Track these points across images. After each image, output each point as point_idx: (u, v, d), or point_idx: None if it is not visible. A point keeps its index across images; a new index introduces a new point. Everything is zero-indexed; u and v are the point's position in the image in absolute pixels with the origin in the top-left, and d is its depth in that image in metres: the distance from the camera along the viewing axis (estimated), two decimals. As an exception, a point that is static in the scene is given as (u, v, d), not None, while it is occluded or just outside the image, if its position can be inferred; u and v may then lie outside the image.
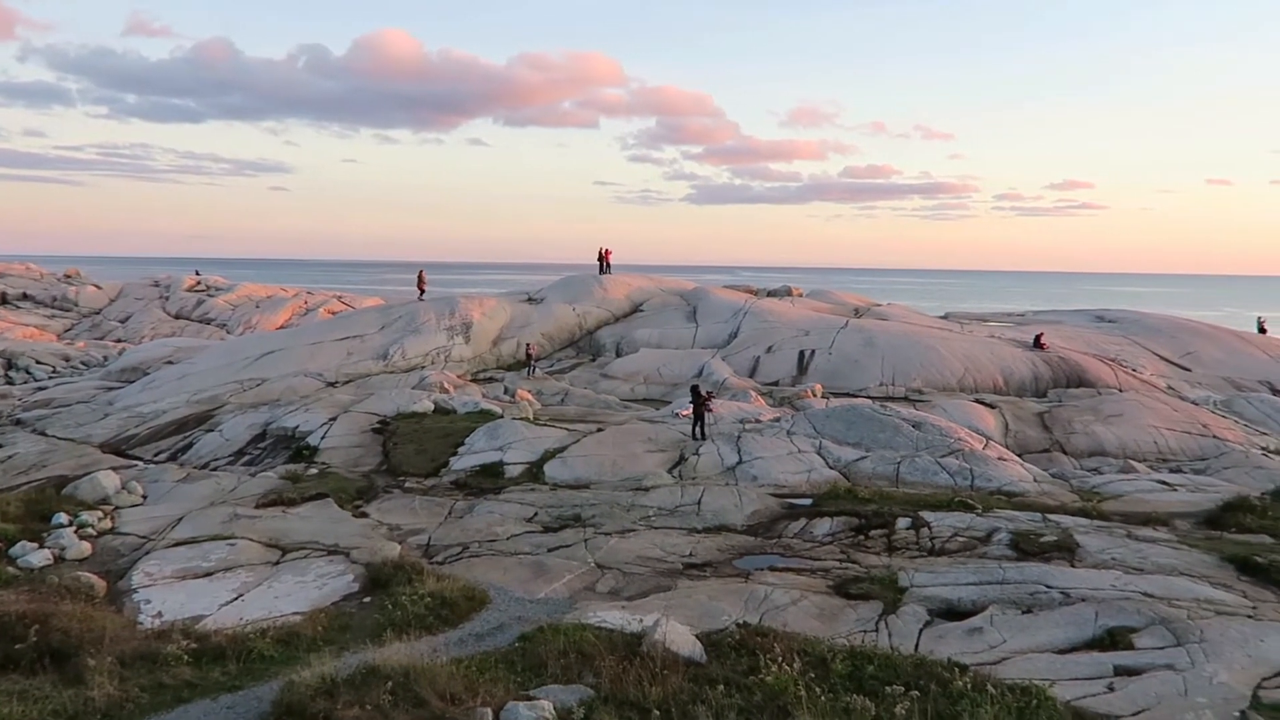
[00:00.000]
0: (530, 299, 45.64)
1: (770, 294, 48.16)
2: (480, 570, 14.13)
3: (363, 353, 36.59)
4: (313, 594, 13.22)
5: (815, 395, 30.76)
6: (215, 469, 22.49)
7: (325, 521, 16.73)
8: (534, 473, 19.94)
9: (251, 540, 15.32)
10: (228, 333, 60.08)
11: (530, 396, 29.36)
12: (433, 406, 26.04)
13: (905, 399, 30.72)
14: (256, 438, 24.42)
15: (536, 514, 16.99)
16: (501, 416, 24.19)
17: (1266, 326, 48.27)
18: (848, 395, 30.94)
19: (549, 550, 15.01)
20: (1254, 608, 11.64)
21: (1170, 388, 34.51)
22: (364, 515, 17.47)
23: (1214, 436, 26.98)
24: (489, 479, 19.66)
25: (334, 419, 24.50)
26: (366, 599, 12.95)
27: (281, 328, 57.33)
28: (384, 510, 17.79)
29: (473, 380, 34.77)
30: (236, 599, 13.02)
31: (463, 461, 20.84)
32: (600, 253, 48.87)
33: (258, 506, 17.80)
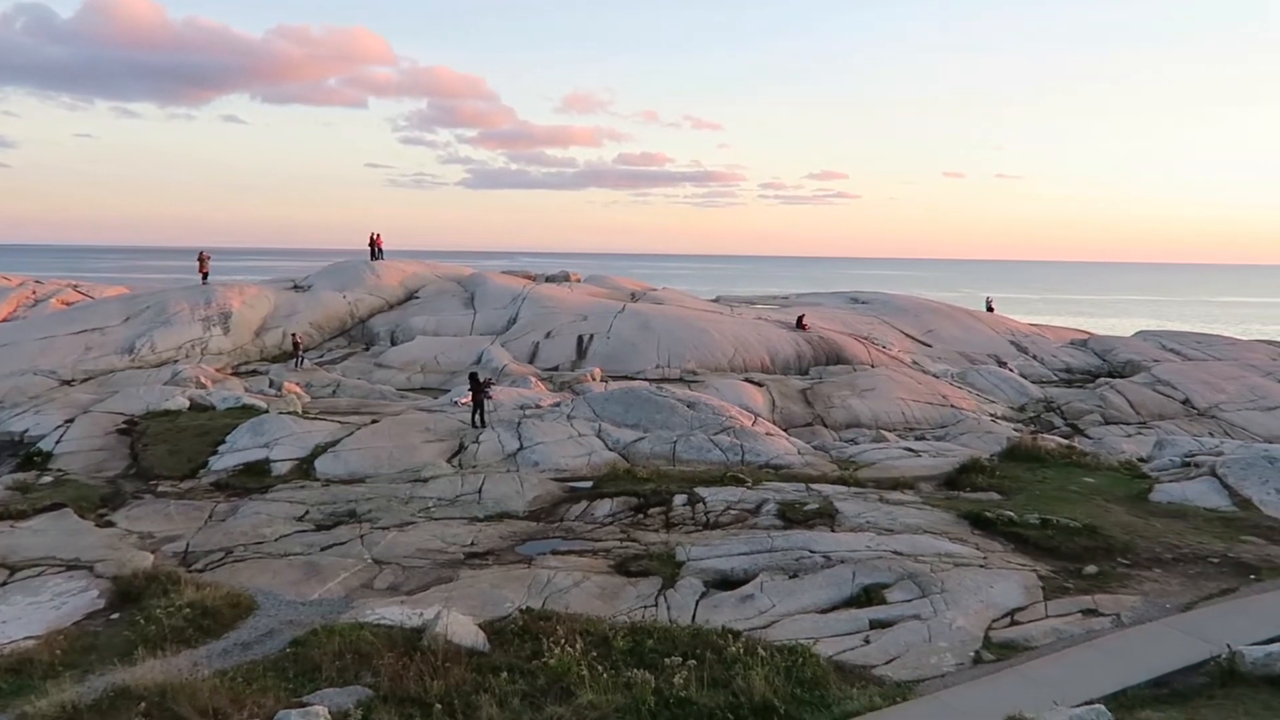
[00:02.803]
0: (297, 286, 43.34)
1: (549, 280, 48.32)
2: (246, 575, 13.28)
3: (104, 347, 33.40)
4: (49, 615, 11.92)
5: (594, 379, 31.20)
6: (-76, 482, 19.77)
7: (63, 534, 15.13)
8: (304, 469, 18.99)
9: (-29, 561, 13.60)
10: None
11: (299, 389, 27.90)
12: (188, 403, 24.21)
13: (680, 380, 31.81)
14: (-25, 445, 21.71)
15: (308, 512, 16.19)
16: (267, 411, 22.84)
17: (994, 305, 53.81)
18: (626, 378, 31.61)
19: (322, 549, 14.34)
20: (985, 558, 12.95)
21: (915, 362, 37.78)
22: (110, 524, 15.96)
23: (952, 406, 29.80)
24: (254, 478, 18.51)
25: (71, 421, 22.21)
26: (115, 615, 11.83)
27: (4, 321, 51.16)
28: (134, 518, 16.33)
29: (234, 374, 32.64)
30: (-47, 628, 11.51)
31: (224, 461, 19.50)
32: (371, 238, 47.08)
33: (-22, 522, 15.82)
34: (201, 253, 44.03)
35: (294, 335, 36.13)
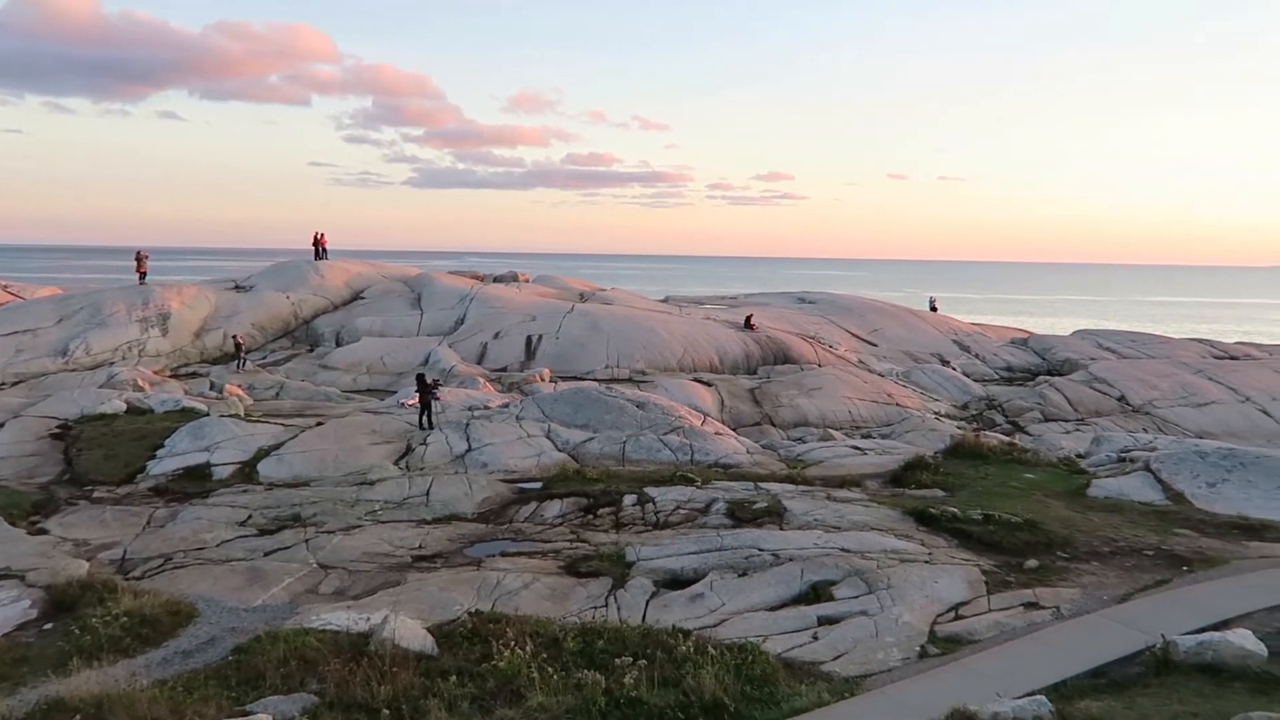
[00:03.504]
0: (238, 287, 42.55)
1: (497, 280, 48.04)
2: (186, 582, 12.97)
3: (36, 349, 32.45)
4: (-22, 626, 11.52)
5: (543, 380, 31.09)
6: None
7: (-8, 543, 14.63)
8: (247, 473, 18.62)
9: (-106, 571, 13.09)
10: None
11: (240, 391, 27.38)
12: (125, 406, 23.60)
13: (630, 380, 31.84)
14: (-101, 451, 20.90)
15: (250, 516, 15.88)
16: (207, 414, 22.36)
17: (937, 305, 54.77)
18: (575, 378, 31.55)
19: (265, 554, 14.07)
20: (929, 554, 13.16)
21: (861, 361, 38.28)
22: (43, 532, 15.48)
23: (897, 404, 30.26)
24: (194, 482, 18.10)
25: (1, 425, 21.53)
26: (48, 626, 11.46)
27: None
28: (68, 524, 15.86)
29: (173, 376, 31.92)
30: (-124, 641, 11.06)
31: (163, 465, 19.04)
32: (315, 237, 46.38)
33: (-99, 532, 15.24)
34: (139, 252, 42.95)
35: (235, 336, 35.46)
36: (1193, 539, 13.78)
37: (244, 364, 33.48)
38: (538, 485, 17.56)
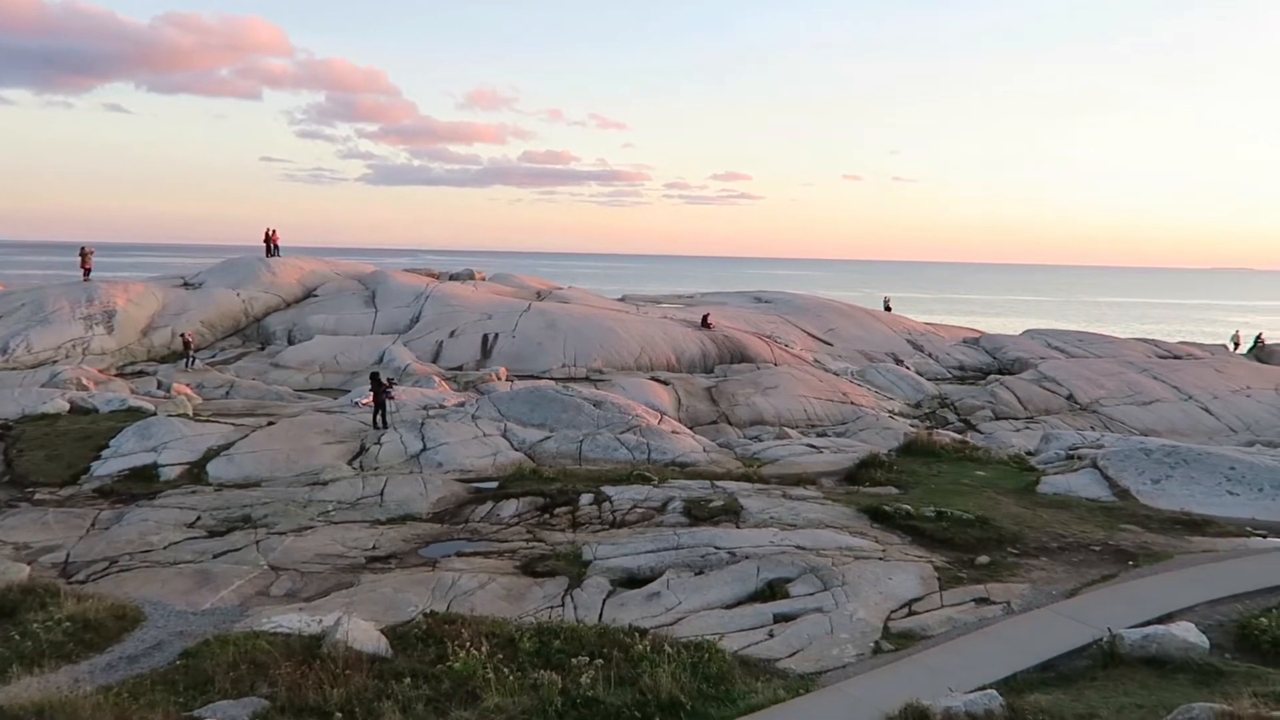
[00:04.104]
0: (187, 284, 41.76)
1: (453, 278, 47.70)
2: (133, 585, 12.68)
3: (-25, 347, 31.48)
4: (-88, 633, 11.15)
5: (500, 378, 30.92)
6: None
7: (-72, 547, 14.18)
8: (195, 474, 18.26)
9: None
10: None
11: (189, 390, 26.86)
12: (68, 406, 23.06)
13: (587, 379, 31.79)
14: None
15: (199, 518, 15.57)
16: (154, 414, 21.91)
17: (892, 305, 55.42)
18: (532, 377, 31.43)
19: (215, 556, 13.80)
20: (883, 551, 13.30)
21: (816, 360, 38.60)
22: (-19, 535, 15.03)
23: (852, 403, 30.56)
24: (141, 484, 17.71)
25: (-62, 425, 20.88)
26: (-14, 632, 11.15)
27: None
28: (7, 528, 15.41)
29: (119, 375, 31.24)
30: None
31: (108, 466, 18.59)
32: (267, 234, 45.65)
33: None
34: (83, 248, 41.88)
35: (184, 334, 34.80)
36: (1138, 534, 14.09)
37: (193, 362, 32.86)
38: (494, 485, 17.45)
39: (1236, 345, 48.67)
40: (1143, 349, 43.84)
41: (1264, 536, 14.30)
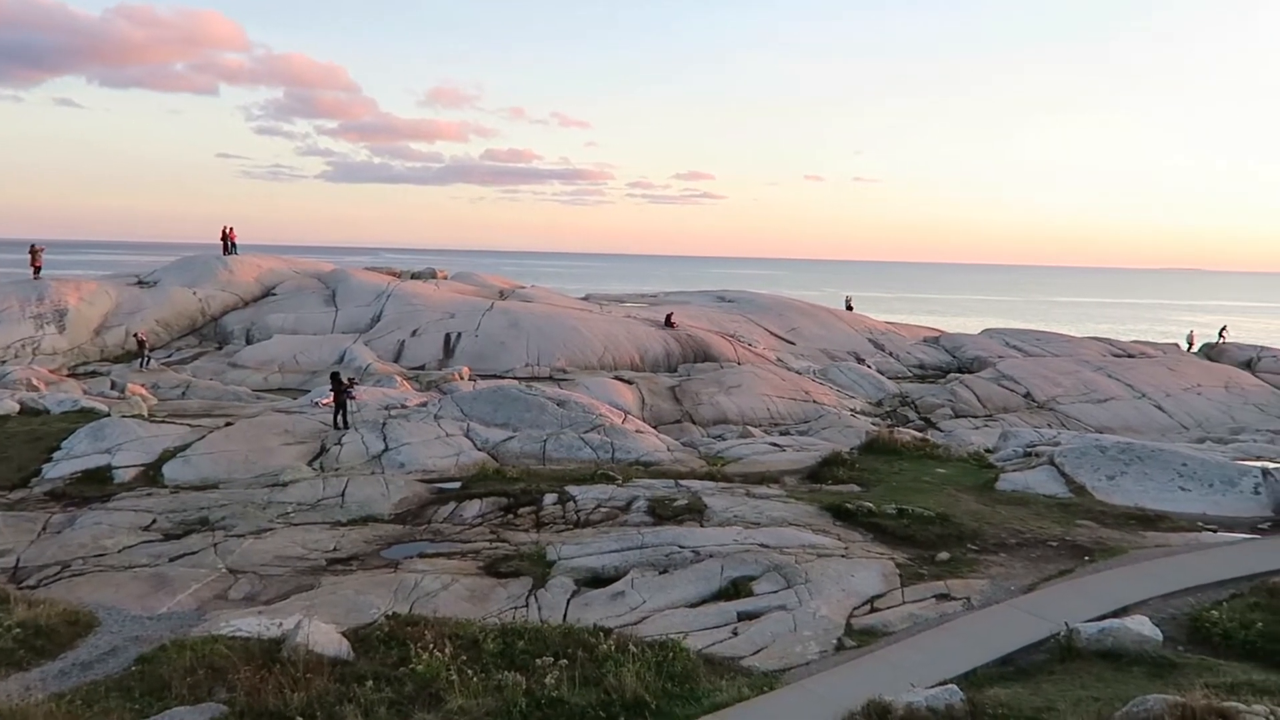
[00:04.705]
0: (141, 282, 40.99)
1: (414, 276, 47.30)
2: (86, 590, 12.42)
3: (-80, 347, 30.68)
4: None
5: (462, 378, 30.72)
6: None
7: None
8: (151, 475, 17.92)
9: None
10: None
11: (144, 391, 26.39)
12: (18, 407, 22.53)
13: (550, 378, 31.69)
14: None
15: (155, 521, 15.29)
16: (108, 414, 21.49)
17: (853, 304, 55.86)
18: (495, 377, 31.26)
19: (171, 560, 13.56)
20: (846, 548, 13.41)
21: (779, 359, 38.81)
22: (-73, 540, 14.64)
23: (814, 401, 30.77)
24: (94, 486, 17.33)
25: (-119, 427, 20.29)
26: (-67, 639, 10.85)
27: None
28: (-45, 532, 15.04)
29: (71, 375, 30.63)
30: None
31: (59, 468, 18.19)
32: (224, 231, 44.93)
33: None
34: (33, 245, 40.89)
35: (138, 334, 34.18)
36: (1094, 530, 14.34)
37: (148, 362, 32.28)
38: (457, 485, 17.34)
39: (1191, 345, 49.74)
40: (1098, 348, 44.64)
41: (1215, 531, 14.63)
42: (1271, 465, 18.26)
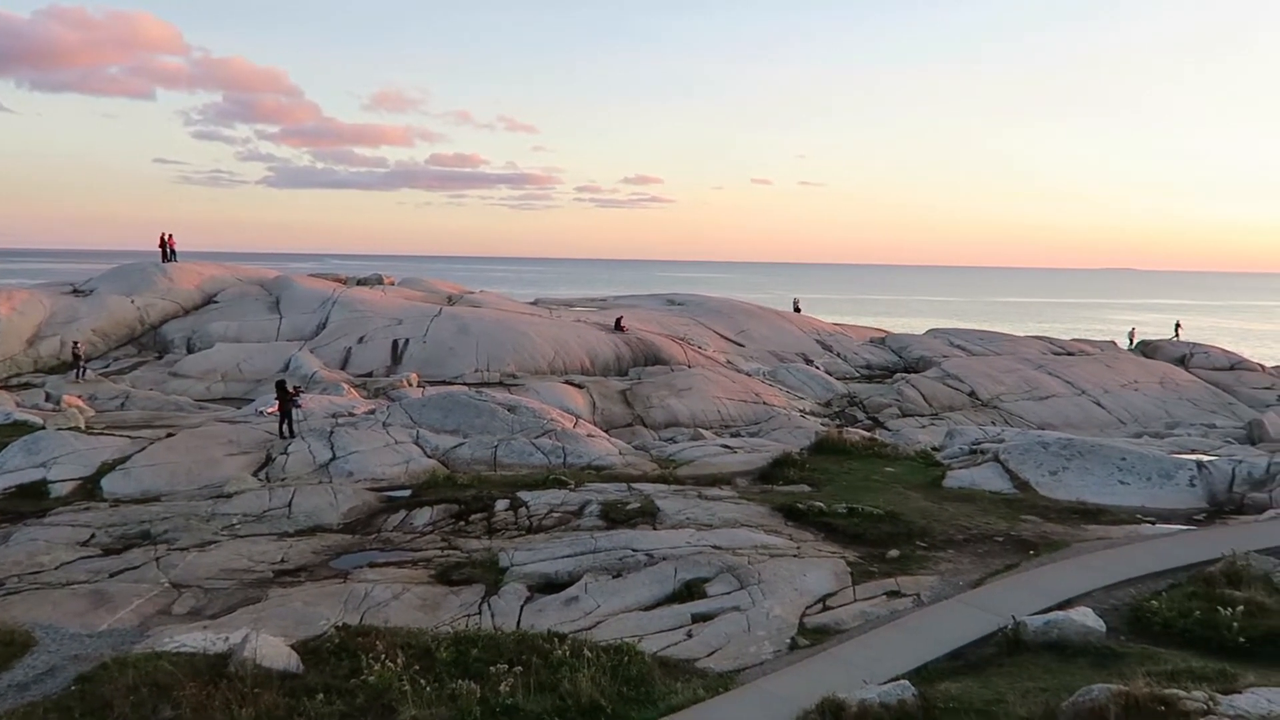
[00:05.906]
0: (76, 291, 39.93)
1: (361, 282, 46.72)
2: (21, 608, 12.01)
3: None
4: None
5: (411, 384, 30.41)
6: None
7: None
8: (89, 489, 17.42)
9: None
10: None
11: (81, 402, 25.68)
12: (-52, 421, 21.76)
13: (500, 384, 31.49)
14: None
15: (94, 535, 14.86)
16: (43, 427, 20.86)
17: (801, 306, 56.41)
18: (444, 383, 30.98)
19: (111, 575, 13.18)
20: (798, 548, 13.52)
21: (729, 362, 39.04)
22: None
23: (764, 403, 31.01)
24: (29, 501, 16.80)
25: None
26: None
27: None
28: (-119, 552, 14.46)
29: (3, 388, 29.66)
30: None
31: (-8, 484, 17.61)
32: (163, 238, 43.93)
33: None
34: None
35: (75, 344, 33.23)
36: (1038, 524, 14.65)
37: (84, 373, 31.42)
38: (407, 493, 17.13)
39: (1131, 342, 51.12)
40: (1039, 346, 45.66)
41: (1153, 523, 15.04)
42: (1206, 458, 18.85)
